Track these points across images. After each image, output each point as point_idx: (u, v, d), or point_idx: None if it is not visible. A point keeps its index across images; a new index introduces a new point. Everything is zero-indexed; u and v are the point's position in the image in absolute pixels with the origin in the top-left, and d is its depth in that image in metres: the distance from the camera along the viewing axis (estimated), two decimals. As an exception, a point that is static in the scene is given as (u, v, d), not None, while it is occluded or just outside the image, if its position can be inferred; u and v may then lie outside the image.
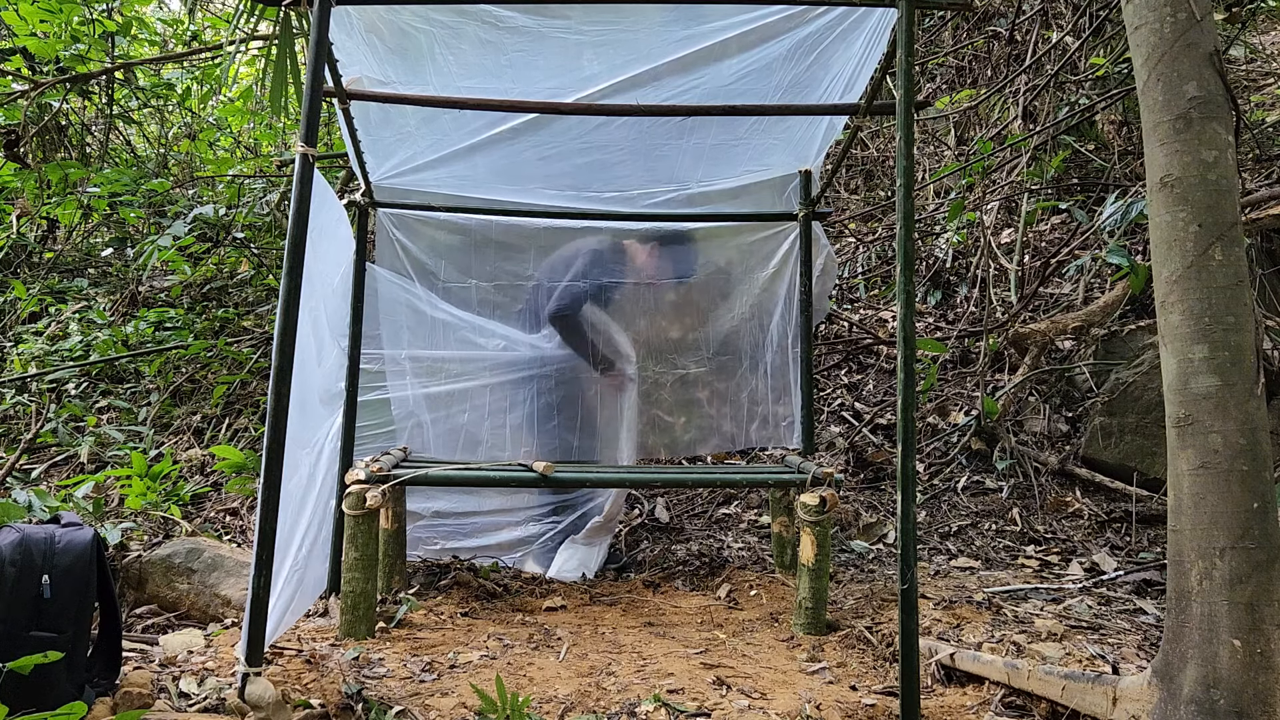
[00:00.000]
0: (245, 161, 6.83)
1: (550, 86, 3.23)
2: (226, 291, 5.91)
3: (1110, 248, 4.06)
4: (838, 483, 3.21)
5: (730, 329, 4.11)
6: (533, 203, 3.94)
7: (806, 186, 3.88)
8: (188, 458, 4.57)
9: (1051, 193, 5.15)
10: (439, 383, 3.89)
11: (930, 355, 4.93)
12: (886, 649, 2.84)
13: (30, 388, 5.17)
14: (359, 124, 3.28)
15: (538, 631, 3.09)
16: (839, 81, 3.23)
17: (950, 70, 6.57)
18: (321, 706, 2.31)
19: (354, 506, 3.01)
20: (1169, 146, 2.09)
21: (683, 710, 2.37)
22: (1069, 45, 5.14)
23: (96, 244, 6.82)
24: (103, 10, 5.78)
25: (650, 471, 3.75)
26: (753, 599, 3.50)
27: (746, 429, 4.11)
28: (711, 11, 2.96)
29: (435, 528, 3.91)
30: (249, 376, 5.04)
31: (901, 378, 2.30)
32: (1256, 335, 2.02)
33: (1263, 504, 1.94)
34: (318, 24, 2.38)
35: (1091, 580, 3.32)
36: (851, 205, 6.52)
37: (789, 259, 4.01)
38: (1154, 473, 3.90)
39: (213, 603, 3.13)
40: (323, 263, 2.84)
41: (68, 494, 3.67)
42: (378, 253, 3.94)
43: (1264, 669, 1.88)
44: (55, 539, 2.21)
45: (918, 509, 4.10)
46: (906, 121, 2.38)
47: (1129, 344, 4.27)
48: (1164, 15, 2.11)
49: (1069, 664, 2.42)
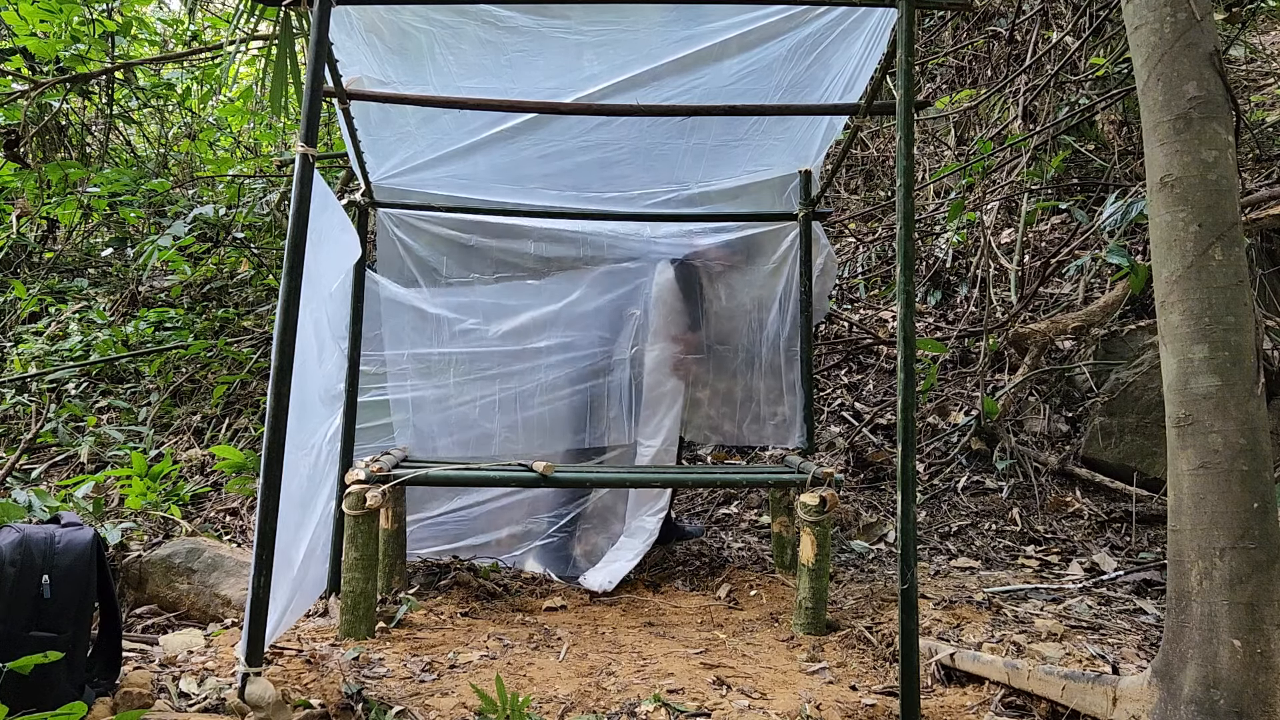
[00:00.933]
0: (245, 161, 6.83)
1: (550, 86, 3.23)
2: (226, 291, 5.91)
3: (1110, 248, 4.06)
4: (838, 483, 3.21)
5: (730, 328, 4.11)
6: (533, 202, 3.94)
7: (806, 186, 3.88)
8: (188, 458, 4.57)
9: (1051, 193, 5.15)
10: (440, 384, 3.90)
11: (930, 355, 4.93)
12: (886, 649, 2.84)
13: (30, 388, 5.17)
14: (359, 124, 3.28)
15: (538, 631, 3.09)
16: (839, 81, 3.23)
17: (950, 70, 6.57)
18: (321, 706, 2.31)
19: (354, 506, 3.01)
20: (1169, 146, 2.09)
21: (683, 710, 2.37)
22: (1069, 45, 5.14)
23: (96, 244, 6.82)
24: (103, 10, 5.78)
25: (650, 471, 3.74)
26: (753, 599, 3.50)
27: (746, 429, 4.10)
28: (712, 11, 2.96)
29: (439, 528, 3.91)
30: (249, 376, 5.04)
31: (901, 378, 2.30)
32: (1256, 335, 2.02)
33: (1263, 504, 1.94)
34: (318, 24, 2.38)
35: (1091, 580, 3.32)
36: (851, 205, 6.52)
37: (789, 258, 4.01)
38: (1154, 473, 3.90)
39: (213, 603, 3.13)
40: (324, 265, 2.83)
41: (68, 494, 3.67)
42: (378, 252, 3.94)
43: (1264, 669, 1.88)
44: (55, 539, 2.21)
45: (918, 509, 4.10)
46: (906, 121, 2.38)
47: (1129, 344, 4.27)
48: (1164, 15, 2.11)
49: (1069, 664, 2.42)
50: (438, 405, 3.91)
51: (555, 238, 4.11)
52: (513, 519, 3.95)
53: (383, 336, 3.84)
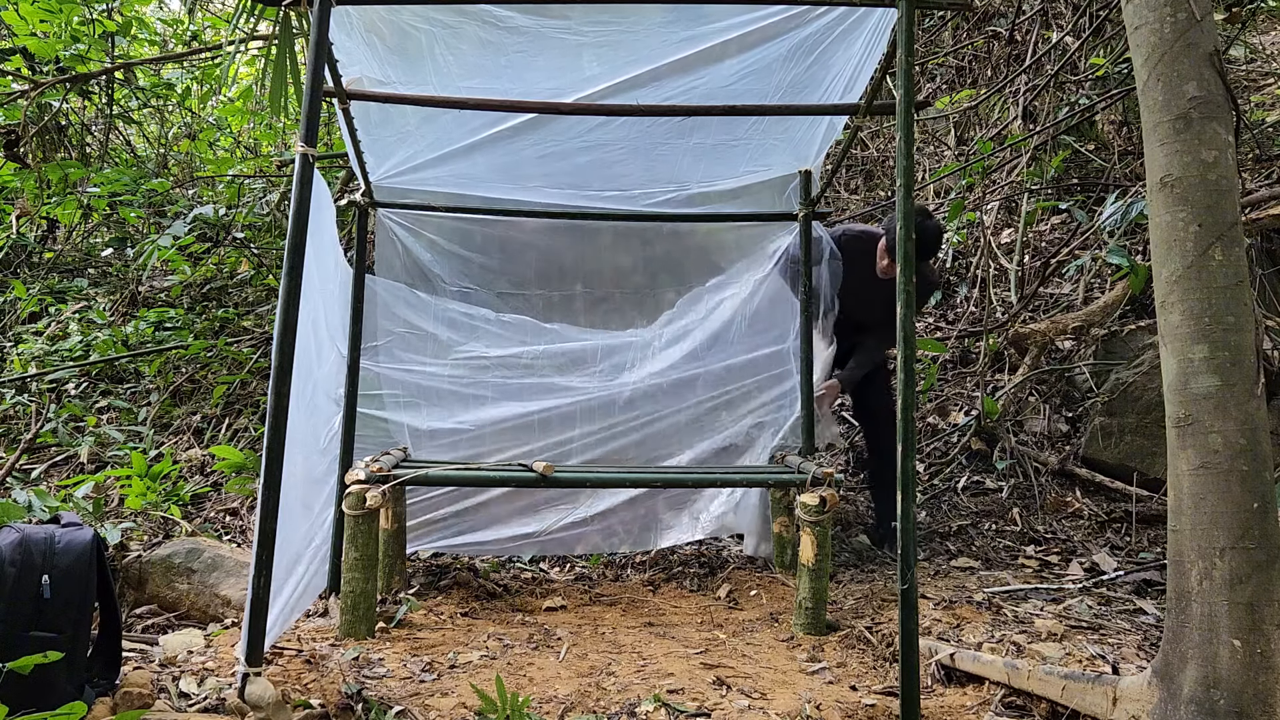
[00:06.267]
0: (245, 161, 6.83)
1: (550, 86, 3.23)
2: (226, 291, 5.91)
3: (1110, 248, 4.06)
4: (838, 483, 3.21)
5: (730, 328, 4.10)
6: (533, 202, 3.94)
7: (806, 186, 3.88)
8: (188, 458, 4.57)
9: (1051, 193, 5.15)
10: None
11: (930, 355, 4.93)
12: (886, 649, 2.84)
13: (30, 388, 5.17)
14: (359, 124, 3.28)
15: (538, 631, 3.09)
16: (839, 82, 3.23)
17: (950, 70, 6.57)
18: (321, 706, 2.31)
19: (354, 506, 3.01)
20: (1169, 146, 2.09)
21: (683, 710, 2.37)
22: (1069, 45, 5.14)
23: (96, 244, 6.82)
24: (103, 10, 5.78)
25: (650, 471, 3.74)
26: (753, 599, 3.50)
27: (746, 428, 4.10)
28: (712, 12, 2.96)
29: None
30: (249, 376, 5.04)
31: (901, 378, 2.30)
32: (1256, 335, 2.02)
33: (1263, 504, 1.94)
34: (318, 24, 2.38)
35: (1091, 580, 3.32)
36: (851, 205, 6.51)
37: (789, 259, 4.01)
38: (1154, 473, 3.90)
39: (213, 603, 3.13)
40: (323, 264, 2.84)
41: (68, 494, 3.67)
42: (377, 252, 3.94)
43: (1264, 669, 1.88)
44: (55, 539, 2.21)
45: (918, 509, 4.10)
46: (906, 121, 2.38)
47: (1129, 344, 4.27)
48: (1164, 15, 2.11)
49: (1069, 664, 2.42)
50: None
51: (555, 238, 4.11)
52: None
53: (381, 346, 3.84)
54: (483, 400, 3.93)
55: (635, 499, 4.01)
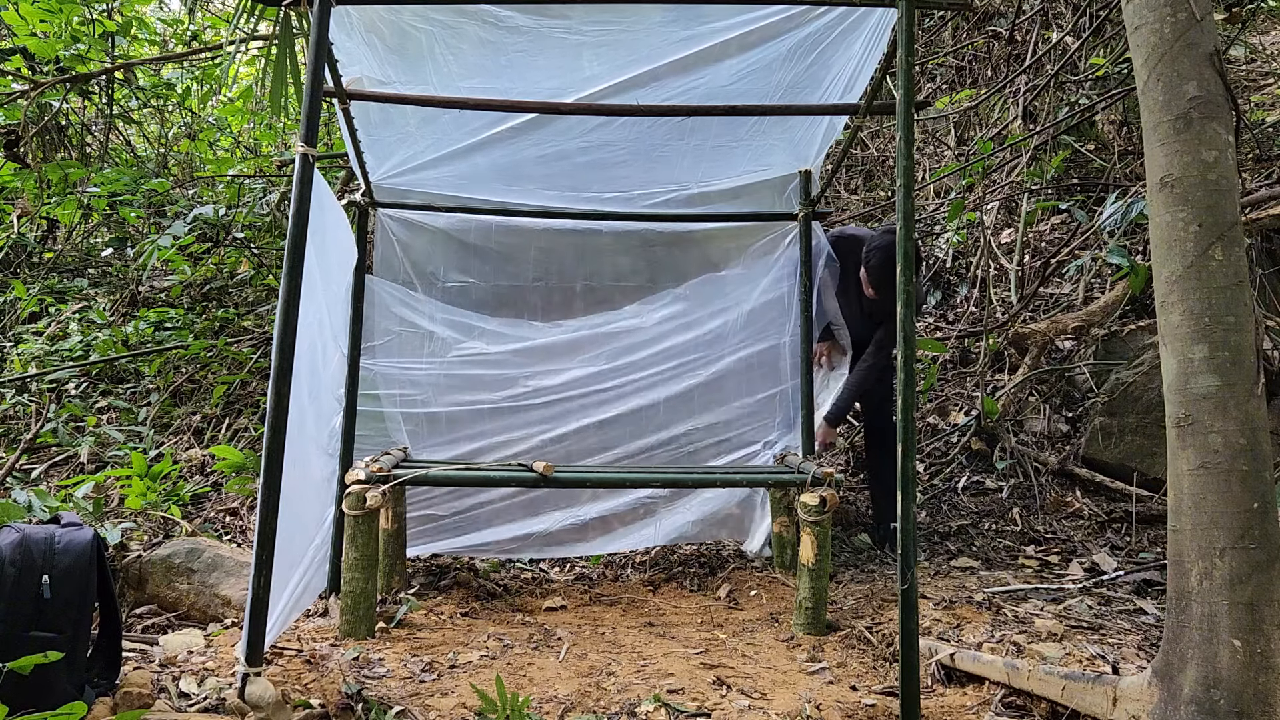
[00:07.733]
0: (245, 161, 6.82)
1: (550, 86, 3.23)
2: (226, 291, 5.90)
3: (1110, 248, 4.06)
4: (838, 483, 3.21)
5: (730, 328, 4.10)
6: (532, 202, 3.94)
7: (806, 186, 3.88)
8: (188, 458, 4.57)
9: (1051, 193, 5.15)
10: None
11: (930, 355, 4.93)
12: (886, 649, 2.84)
13: (30, 388, 5.17)
14: (359, 124, 3.28)
15: (538, 631, 3.09)
16: (839, 81, 3.23)
17: (950, 70, 6.57)
18: (321, 706, 2.31)
19: (354, 506, 3.01)
20: (1169, 146, 2.09)
21: (683, 710, 2.37)
22: (1069, 45, 5.14)
23: (96, 244, 6.82)
24: (103, 10, 5.78)
25: (650, 471, 3.74)
26: (753, 599, 3.50)
27: (746, 428, 4.10)
28: (712, 12, 2.96)
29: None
30: (249, 376, 5.04)
31: (901, 378, 2.30)
32: (1256, 335, 2.02)
33: (1263, 504, 1.94)
34: (318, 24, 2.38)
35: (1091, 580, 3.32)
36: (851, 205, 6.51)
37: (789, 259, 4.01)
38: (1154, 473, 3.90)
39: (213, 603, 3.13)
40: (325, 265, 2.83)
41: (68, 494, 3.67)
42: (377, 252, 3.94)
43: (1264, 669, 1.88)
44: (55, 539, 2.21)
45: (918, 509, 4.10)
46: (906, 121, 2.38)
47: (1129, 344, 4.27)
48: (1164, 15, 2.11)
49: (1069, 664, 2.42)
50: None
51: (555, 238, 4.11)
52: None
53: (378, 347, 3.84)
54: (482, 400, 3.93)
55: (636, 498, 4.02)
